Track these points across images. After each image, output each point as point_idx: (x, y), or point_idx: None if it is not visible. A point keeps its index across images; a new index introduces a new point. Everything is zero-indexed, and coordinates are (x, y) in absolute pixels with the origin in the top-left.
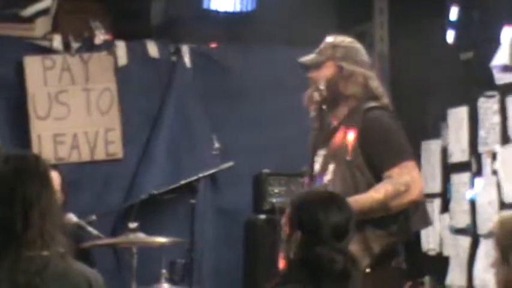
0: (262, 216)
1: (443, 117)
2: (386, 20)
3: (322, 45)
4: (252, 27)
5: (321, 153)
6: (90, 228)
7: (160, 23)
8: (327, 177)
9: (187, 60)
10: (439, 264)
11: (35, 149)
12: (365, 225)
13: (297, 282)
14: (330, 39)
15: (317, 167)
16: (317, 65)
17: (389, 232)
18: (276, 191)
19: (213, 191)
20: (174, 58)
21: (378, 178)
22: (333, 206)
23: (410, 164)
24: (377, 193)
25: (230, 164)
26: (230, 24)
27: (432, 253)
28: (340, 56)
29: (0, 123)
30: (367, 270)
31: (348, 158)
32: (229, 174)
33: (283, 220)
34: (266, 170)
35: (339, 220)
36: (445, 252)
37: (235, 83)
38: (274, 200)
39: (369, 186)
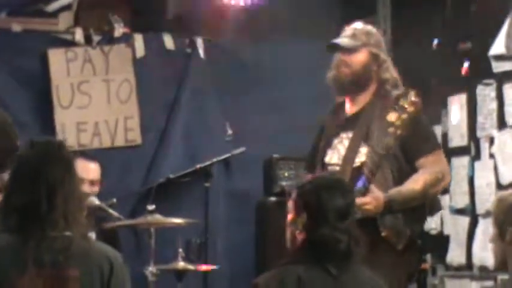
0: (273, 199)
1: (444, 105)
2: (389, 14)
3: (352, 31)
4: (262, 19)
5: (345, 136)
6: (111, 211)
7: (175, 16)
8: (360, 159)
9: (201, 51)
10: (440, 242)
11: (59, 137)
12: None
13: (303, 262)
14: (359, 25)
15: (340, 149)
16: (352, 49)
17: (419, 216)
18: (286, 174)
19: (226, 175)
20: (189, 50)
21: (410, 164)
22: (337, 189)
23: (441, 152)
24: (417, 185)
25: (242, 149)
26: (242, 16)
27: (433, 232)
28: (374, 43)
29: (26, 112)
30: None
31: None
32: (241, 159)
33: (289, 203)
34: (276, 155)
35: (342, 203)
36: (446, 231)
37: (247, 73)
38: (283, 183)
39: (400, 171)
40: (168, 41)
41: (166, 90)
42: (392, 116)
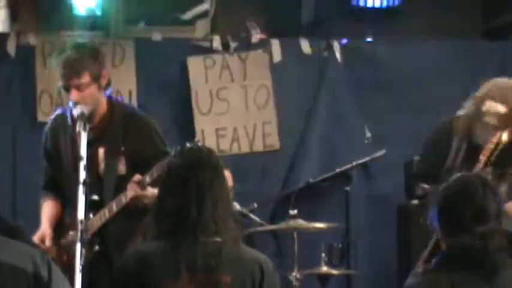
0: (415, 202)
1: None
2: None
3: None
4: (398, 20)
5: None
6: (252, 216)
7: (310, 20)
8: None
9: (338, 55)
10: None
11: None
12: None
13: (451, 267)
14: None
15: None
16: None
17: None
18: None
19: (366, 178)
20: (325, 54)
21: None
22: (474, 192)
23: None
24: None
25: (382, 152)
26: (378, 18)
27: None
28: None
29: (166, 119)
30: None
31: None
32: (381, 162)
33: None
34: (417, 157)
35: (480, 206)
36: None
37: (385, 75)
38: (426, 186)
39: None
40: (305, 46)
41: (304, 95)
42: None
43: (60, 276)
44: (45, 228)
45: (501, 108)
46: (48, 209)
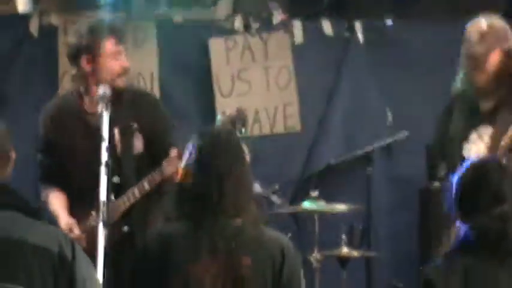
0: (437, 184)
1: None
2: None
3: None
4: (421, 1)
5: (484, 131)
6: (273, 197)
7: (332, 1)
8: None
9: (360, 36)
10: None
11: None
12: None
13: (467, 252)
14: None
15: (479, 144)
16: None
17: None
18: None
19: (388, 160)
20: (347, 35)
21: None
22: (492, 174)
23: None
24: None
25: (404, 134)
26: (401, 0)
27: None
28: None
29: (188, 101)
30: None
31: None
32: (403, 144)
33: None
34: None
35: (498, 187)
36: None
37: (407, 56)
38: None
39: None
40: (327, 27)
41: (325, 76)
42: None
43: (83, 256)
44: (66, 217)
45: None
46: (59, 200)
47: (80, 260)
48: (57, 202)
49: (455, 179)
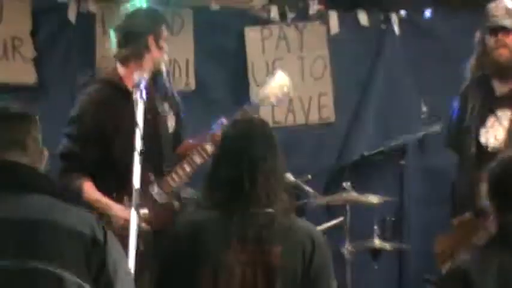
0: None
1: None
2: None
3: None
4: None
5: (502, 115)
6: (306, 187)
7: None
8: None
9: (396, 27)
10: None
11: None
12: None
13: (498, 247)
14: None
15: (498, 130)
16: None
17: None
18: None
19: (421, 153)
20: (383, 26)
21: None
22: None
23: None
24: None
25: (438, 126)
26: None
27: None
28: None
29: (223, 90)
30: None
31: None
32: (438, 136)
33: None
34: None
35: None
36: None
37: (443, 48)
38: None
39: None
40: (363, 18)
41: (360, 67)
42: None
43: (114, 240)
44: (119, 207)
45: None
46: (98, 193)
47: (112, 245)
48: (95, 191)
49: (487, 171)
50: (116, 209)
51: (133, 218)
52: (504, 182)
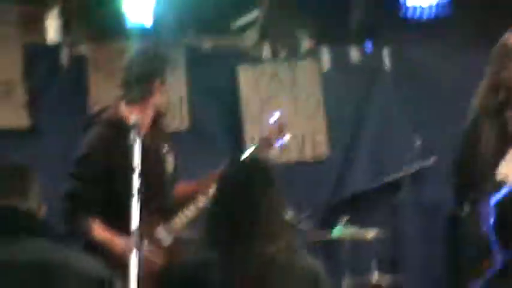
0: (466, 211)
1: None
2: None
3: None
4: (447, 29)
5: None
6: (303, 224)
7: (360, 29)
8: None
9: (387, 63)
10: None
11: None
12: None
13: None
14: None
15: None
16: None
17: None
18: None
19: (416, 187)
20: (374, 62)
21: None
22: None
23: None
24: None
25: (432, 160)
26: (427, 27)
27: None
28: None
29: (217, 127)
30: None
31: None
32: (431, 170)
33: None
34: None
35: None
36: None
37: (434, 83)
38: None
39: None
40: (354, 54)
41: (353, 104)
42: None
43: (119, 284)
44: (122, 239)
45: None
46: (104, 228)
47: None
48: (104, 230)
49: (493, 204)
50: (116, 245)
51: (133, 260)
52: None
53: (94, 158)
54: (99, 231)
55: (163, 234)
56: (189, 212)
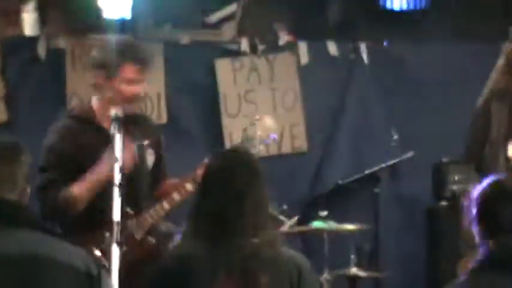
0: (443, 203)
1: None
2: None
3: None
4: (425, 22)
5: None
6: (282, 217)
7: (337, 22)
8: None
9: (365, 57)
10: None
11: (227, 145)
12: None
13: (490, 269)
14: None
15: None
16: None
17: None
18: (456, 178)
19: (395, 180)
20: (352, 56)
21: None
22: None
23: None
24: None
25: (410, 154)
26: (404, 20)
27: None
28: None
29: (195, 122)
30: None
31: None
32: (410, 163)
33: (464, 209)
34: (445, 159)
35: None
36: None
37: (412, 77)
38: (454, 187)
39: None
40: (332, 48)
41: (331, 97)
42: None
43: (107, 274)
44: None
45: None
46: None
47: (104, 279)
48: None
49: (475, 195)
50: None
51: (115, 253)
52: (494, 206)
53: (59, 146)
54: (76, 184)
55: (134, 227)
56: (160, 208)
